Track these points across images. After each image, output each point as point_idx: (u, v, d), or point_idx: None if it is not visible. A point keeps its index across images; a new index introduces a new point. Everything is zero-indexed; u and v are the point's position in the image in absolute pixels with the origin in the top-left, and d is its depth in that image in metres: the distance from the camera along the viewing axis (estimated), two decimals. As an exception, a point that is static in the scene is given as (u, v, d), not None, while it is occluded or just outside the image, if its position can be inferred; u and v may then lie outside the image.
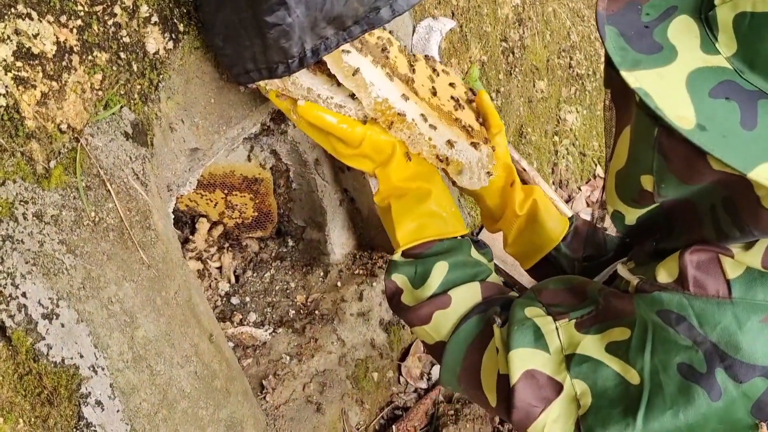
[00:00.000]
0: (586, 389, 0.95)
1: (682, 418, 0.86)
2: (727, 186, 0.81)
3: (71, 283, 1.05)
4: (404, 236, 1.24)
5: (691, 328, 0.87)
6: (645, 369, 0.90)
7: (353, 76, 1.22)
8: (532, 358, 1.01)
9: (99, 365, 1.10)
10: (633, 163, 0.90)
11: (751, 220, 0.81)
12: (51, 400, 1.06)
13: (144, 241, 1.16)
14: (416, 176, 1.29)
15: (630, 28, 0.81)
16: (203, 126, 1.35)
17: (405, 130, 1.27)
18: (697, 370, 0.86)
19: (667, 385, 0.87)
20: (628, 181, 0.94)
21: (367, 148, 1.24)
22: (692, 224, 0.93)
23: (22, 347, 1.02)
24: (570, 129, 2.71)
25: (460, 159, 1.31)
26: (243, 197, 1.81)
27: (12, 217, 0.99)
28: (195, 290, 1.31)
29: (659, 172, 0.85)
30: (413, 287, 1.21)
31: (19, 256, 1.00)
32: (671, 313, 0.89)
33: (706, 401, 0.84)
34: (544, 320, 1.05)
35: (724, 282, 0.87)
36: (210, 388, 1.28)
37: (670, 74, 0.76)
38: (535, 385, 0.99)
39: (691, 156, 0.78)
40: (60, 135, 1.05)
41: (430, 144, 1.29)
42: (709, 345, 0.85)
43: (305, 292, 1.81)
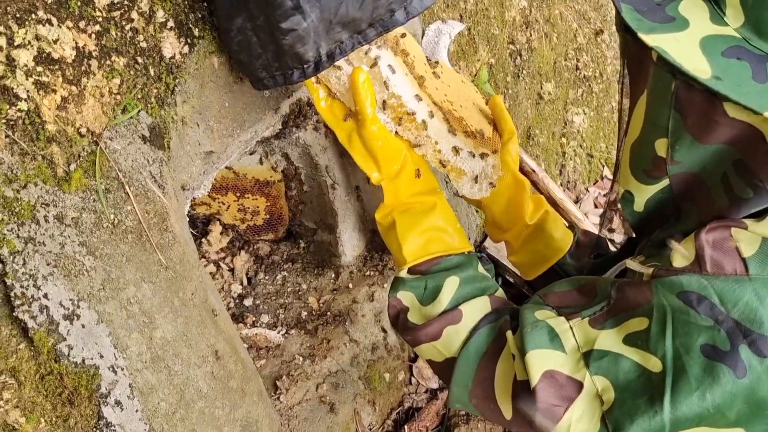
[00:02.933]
0: (608, 384, 0.95)
1: (709, 398, 0.86)
2: (739, 143, 0.84)
3: (91, 284, 1.07)
4: (411, 252, 1.22)
5: (713, 307, 0.87)
6: (667, 354, 0.90)
7: (371, 68, 1.23)
8: (550, 358, 1.00)
9: (118, 365, 1.11)
10: (649, 127, 0.92)
11: (765, 173, 0.84)
12: (72, 400, 1.08)
13: (162, 243, 1.18)
14: (422, 191, 1.28)
15: (643, 5, 0.85)
16: (218, 129, 1.37)
17: (413, 130, 1.28)
18: (721, 349, 0.86)
19: (691, 367, 0.87)
20: (642, 150, 0.95)
21: (381, 151, 1.24)
22: (702, 199, 0.94)
23: (44, 348, 1.03)
24: (577, 131, 2.72)
25: (463, 167, 1.31)
26: (255, 200, 1.82)
27: (34, 220, 1.01)
28: (211, 291, 1.32)
29: (675, 131, 0.88)
30: (422, 304, 1.18)
31: (40, 258, 1.01)
32: (692, 294, 0.89)
33: (731, 379, 0.85)
34: (557, 321, 1.04)
35: (740, 260, 0.88)
36: (226, 388, 1.30)
37: (684, 38, 0.80)
38: (556, 385, 0.98)
39: (707, 108, 0.83)
40: (80, 138, 1.07)
41: (436, 148, 1.29)
42: (731, 322, 0.86)
43: (317, 294, 1.82)
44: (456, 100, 1.41)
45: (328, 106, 1.27)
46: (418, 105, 1.28)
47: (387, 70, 1.25)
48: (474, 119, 1.41)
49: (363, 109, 1.20)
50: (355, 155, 1.27)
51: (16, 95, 0.99)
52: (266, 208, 1.86)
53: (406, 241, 1.22)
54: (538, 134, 2.52)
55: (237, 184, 1.78)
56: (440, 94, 1.38)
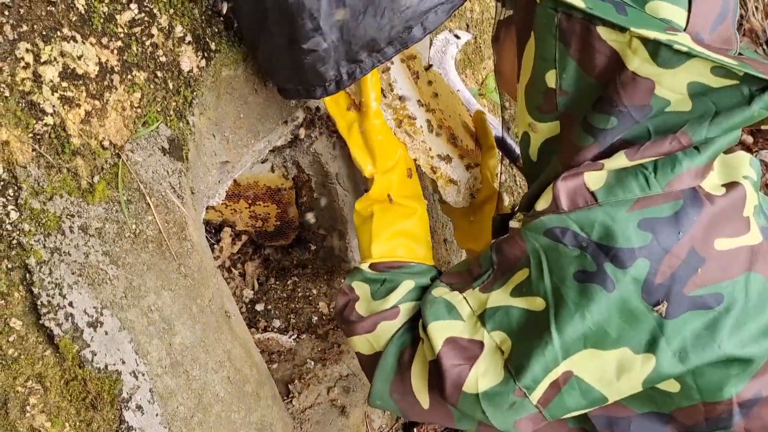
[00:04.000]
0: (504, 336, 1.02)
1: (588, 317, 0.94)
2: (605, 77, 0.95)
3: (114, 292, 1.10)
4: (379, 250, 1.26)
5: (576, 236, 0.97)
6: (548, 291, 0.98)
7: (382, 73, 1.28)
8: (449, 327, 1.06)
9: (140, 371, 1.15)
10: (539, 63, 1.01)
11: (628, 97, 0.94)
12: (95, 404, 1.11)
13: (181, 252, 1.21)
14: (409, 194, 1.32)
15: None
16: (233, 140, 1.41)
17: (411, 134, 1.32)
18: (590, 271, 0.95)
19: (568, 295, 0.96)
20: (534, 86, 1.04)
21: (379, 145, 1.28)
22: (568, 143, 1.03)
23: (69, 354, 1.07)
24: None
25: (452, 176, 1.35)
26: (266, 207, 1.86)
27: (59, 230, 1.04)
28: (227, 298, 1.36)
29: (561, 60, 0.98)
30: (372, 298, 1.21)
31: (66, 268, 1.05)
32: (555, 229, 0.99)
33: (604, 295, 0.93)
34: (452, 294, 1.12)
35: (589, 193, 0.98)
36: (242, 392, 1.33)
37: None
38: (458, 348, 1.04)
39: (585, 34, 0.94)
40: (102, 151, 1.10)
41: (429, 154, 1.33)
42: (593, 245, 0.95)
43: (327, 299, 1.85)
44: (445, 109, 1.46)
45: (331, 100, 1.30)
46: (419, 110, 1.33)
47: (396, 73, 1.30)
48: (459, 131, 1.45)
49: (368, 102, 1.26)
50: (352, 146, 1.31)
51: (43, 110, 1.02)
52: (277, 214, 1.89)
53: (377, 238, 1.26)
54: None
55: (249, 192, 1.81)
56: (434, 102, 1.42)
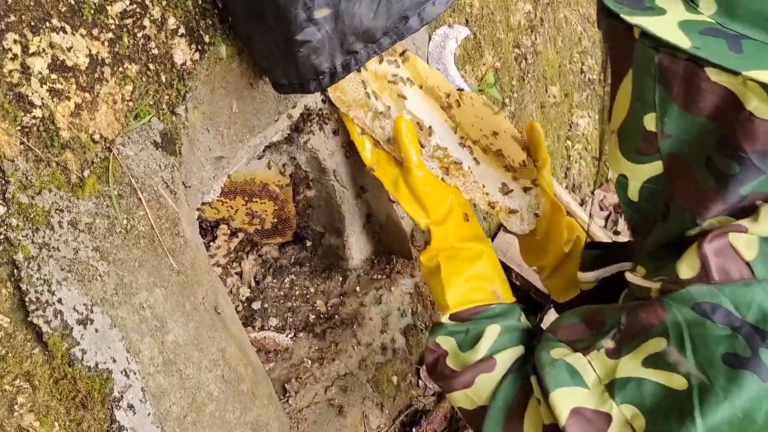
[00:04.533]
0: (636, 411, 0.92)
1: (737, 404, 0.85)
2: (720, 114, 0.86)
3: (105, 289, 1.08)
4: (455, 299, 1.21)
5: (728, 314, 0.87)
6: (690, 370, 0.89)
7: (421, 131, 1.25)
8: (573, 395, 0.98)
9: (131, 369, 1.12)
10: (636, 105, 0.93)
11: (748, 141, 0.84)
12: (85, 403, 1.09)
13: (173, 248, 1.19)
14: (470, 237, 1.27)
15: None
16: (228, 135, 1.38)
17: (460, 178, 1.28)
18: (742, 356, 0.85)
19: (716, 378, 0.87)
20: (631, 128, 0.96)
21: (428, 196, 1.24)
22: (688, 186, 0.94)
23: (58, 352, 1.04)
24: (582, 133, 2.72)
25: (512, 206, 1.30)
26: (263, 204, 1.83)
27: (48, 225, 1.02)
28: (221, 295, 1.33)
29: (662, 103, 0.89)
30: (461, 350, 1.17)
31: (55, 264, 1.02)
32: (705, 304, 0.89)
33: (757, 384, 0.84)
34: (574, 357, 1.02)
35: (745, 265, 0.88)
36: (236, 391, 1.31)
37: (663, 20, 0.86)
38: (584, 421, 0.95)
39: (690, 76, 0.85)
40: (93, 145, 1.08)
41: (484, 191, 1.29)
42: (747, 327, 0.86)
43: (325, 297, 1.83)
44: (490, 131, 1.42)
45: (374, 156, 1.28)
46: (463, 152, 1.29)
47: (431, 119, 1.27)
48: (510, 149, 1.41)
49: (408, 156, 1.22)
50: (402, 201, 1.27)
51: (31, 102, 1.00)
52: (274, 212, 1.87)
53: (450, 287, 1.20)
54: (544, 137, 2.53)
55: (245, 189, 1.79)
56: (476, 130, 1.39)
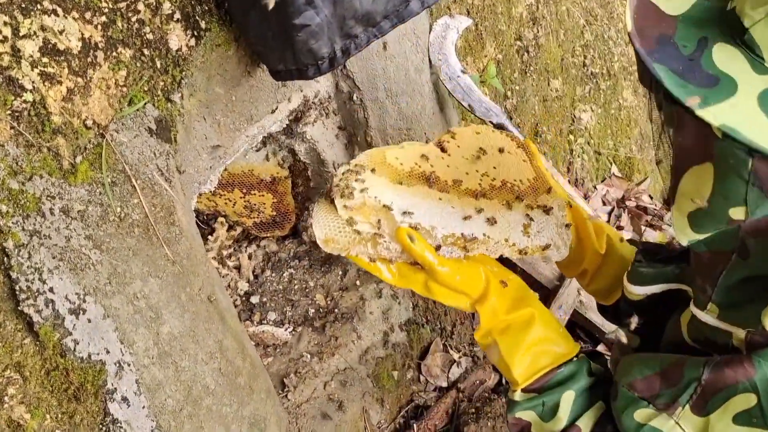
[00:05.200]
0: None
1: None
2: None
3: (98, 278, 1.05)
4: (522, 374, 1.17)
5: None
6: None
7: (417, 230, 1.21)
8: None
9: (125, 361, 1.10)
10: (719, 198, 0.88)
11: None
12: (78, 396, 1.06)
13: (168, 237, 1.16)
14: (517, 302, 1.22)
15: (677, 63, 0.82)
16: (225, 123, 1.36)
17: (481, 247, 1.23)
18: None
19: None
20: (712, 217, 0.91)
21: (462, 284, 1.20)
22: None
23: (50, 342, 1.02)
24: (585, 128, 2.70)
25: (542, 242, 1.26)
26: (261, 196, 1.81)
27: (39, 213, 0.99)
28: (218, 287, 1.31)
29: (755, 201, 0.84)
30: (543, 421, 1.16)
31: (46, 252, 1.00)
32: None
33: None
34: (660, 420, 1.00)
35: None
36: (234, 385, 1.28)
37: (740, 102, 0.78)
38: None
39: None
40: (85, 131, 1.06)
41: (509, 245, 1.24)
42: None
43: (324, 291, 1.80)
44: (488, 166, 1.38)
45: (394, 274, 1.23)
46: (472, 223, 1.25)
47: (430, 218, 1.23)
48: (514, 172, 1.37)
49: (425, 261, 1.17)
50: (439, 299, 1.22)
51: (22, 86, 0.98)
52: (273, 204, 1.84)
53: (513, 363, 1.17)
54: (546, 131, 2.50)
55: (243, 181, 1.76)
56: (472, 177, 1.35)
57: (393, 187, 1.30)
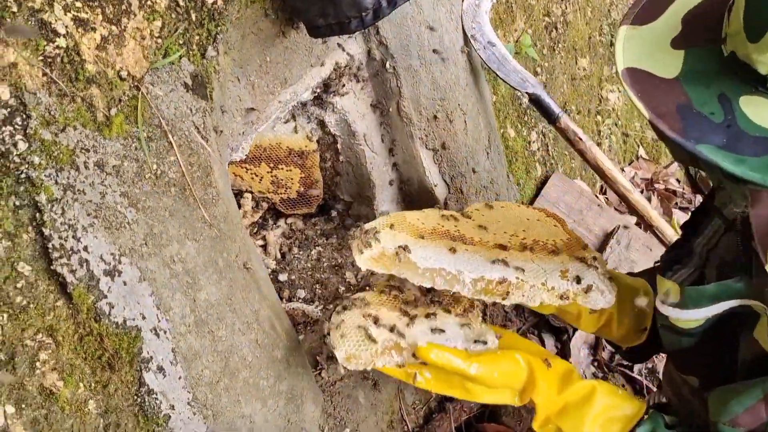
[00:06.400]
0: None
1: None
2: None
3: (133, 238, 0.99)
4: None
5: None
6: None
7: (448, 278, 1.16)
8: None
9: (161, 328, 1.03)
10: None
11: None
12: (112, 364, 1.00)
13: (206, 199, 1.10)
14: (566, 379, 1.14)
15: (718, 137, 0.79)
16: (259, 85, 1.29)
17: (516, 292, 1.17)
18: None
19: None
20: None
21: (502, 378, 1.12)
22: None
23: (83, 305, 0.95)
24: (612, 109, 2.63)
25: (582, 286, 1.18)
26: (289, 171, 1.74)
27: (73, 166, 0.93)
28: (254, 255, 1.25)
29: None
30: None
31: (80, 208, 0.94)
32: None
33: None
34: None
35: None
36: (271, 358, 1.22)
37: None
38: None
39: None
40: (120, 82, 0.99)
41: (547, 288, 1.17)
42: None
43: (354, 269, 1.74)
44: (516, 228, 1.32)
45: (428, 380, 1.15)
46: (500, 268, 1.18)
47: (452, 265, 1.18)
48: (544, 233, 1.31)
49: (456, 368, 1.09)
50: (483, 400, 1.15)
51: (55, 30, 0.91)
52: (300, 180, 1.78)
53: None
54: (574, 111, 2.43)
55: (271, 154, 1.70)
56: (501, 233, 1.30)
57: (414, 240, 1.24)
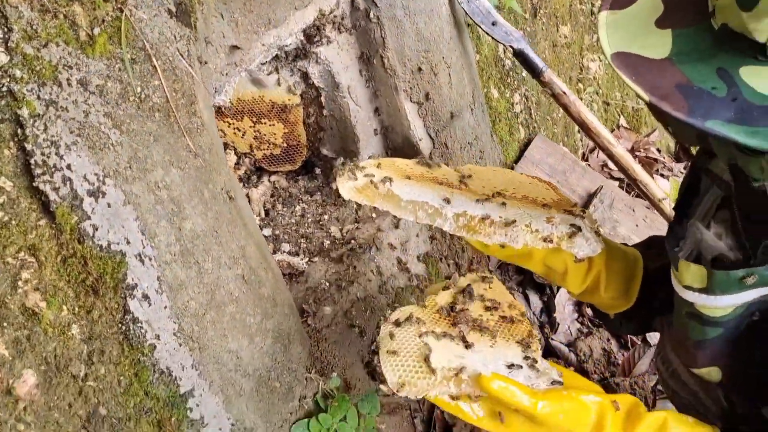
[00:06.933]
0: None
1: None
2: None
3: (117, 160, 0.98)
4: None
5: None
6: None
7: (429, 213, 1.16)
8: None
9: (146, 254, 1.02)
10: None
11: None
12: (96, 288, 0.98)
13: (190, 128, 1.09)
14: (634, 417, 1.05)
15: (724, 111, 0.76)
16: (242, 23, 1.28)
17: (499, 232, 1.14)
18: None
19: None
20: None
21: (567, 422, 1.01)
22: None
23: (67, 225, 0.94)
24: (593, 77, 2.64)
25: (567, 230, 1.16)
26: (272, 126, 1.73)
27: (56, 81, 0.91)
28: (239, 192, 1.23)
29: None
30: None
31: (63, 125, 0.92)
32: None
33: None
34: None
35: None
36: (257, 295, 1.21)
37: None
38: None
39: None
40: (103, 3, 0.98)
41: (531, 230, 1.15)
42: None
43: (339, 224, 1.73)
44: (506, 184, 1.31)
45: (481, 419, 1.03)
46: (485, 206, 1.18)
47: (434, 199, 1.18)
48: (534, 191, 1.30)
49: (521, 406, 0.99)
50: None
51: (35, -57, 0.90)
52: (284, 135, 1.76)
53: None
54: (555, 78, 2.44)
55: (253, 108, 1.69)
56: (492, 186, 1.29)
57: (400, 179, 1.22)
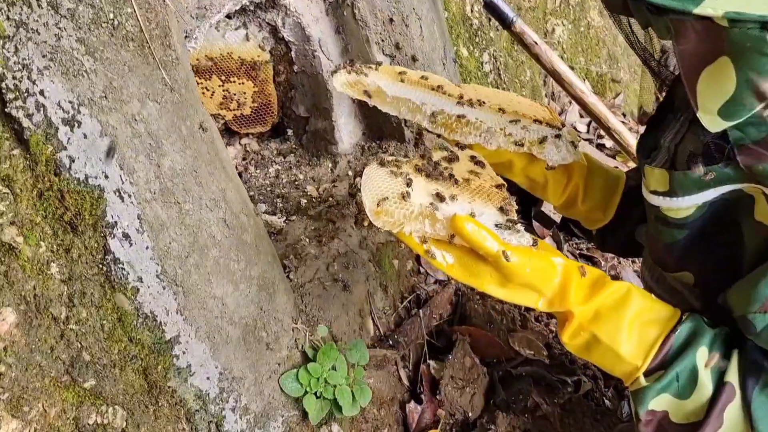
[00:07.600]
0: None
1: None
2: None
3: (92, 89, 0.93)
4: (634, 354, 1.00)
5: None
6: None
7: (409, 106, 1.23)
8: None
9: (125, 191, 0.97)
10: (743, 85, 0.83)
11: None
12: (74, 225, 0.93)
13: (165, 60, 1.04)
14: (598, 284, 1.03)
15: None
16: (212, -38, 1.24)
17: (474, 132, 1.18)
18: None
19: None
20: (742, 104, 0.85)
21: (532, 276, 0.99)
22: None
23: (42, 156, 0.89)
24: (558, 42, 2.65)
25: (538, 135, 1.20)
26: (241, 84, 1.68)
27: (25, 2, 0.86)
28: (216, 134, 1.19)
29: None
30: (682, 398, 0.98)
31: (35, 48, 0.87)
32: None
33: None
34: None
35: None
36: (240, 241, 1.17)
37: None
38: None
39: None
40: (69, -77, 0.93)
41: (505, 134, 1.19)
42: None
43: (316, 184, 1.69)
44: (499, 100, 1.33)
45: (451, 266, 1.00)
46: (463, 108, 1.24)
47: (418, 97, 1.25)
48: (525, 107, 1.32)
49: (489, 251, 0.95)
50: (501, 296, 1.02)
51: None
52: (253, 95, 1.72)
53: (621, 346, 1.00)
54: (520, 43, 2.44)
55: (222, 66, 1.64)
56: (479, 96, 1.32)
57: (392, 81, 1.29)
